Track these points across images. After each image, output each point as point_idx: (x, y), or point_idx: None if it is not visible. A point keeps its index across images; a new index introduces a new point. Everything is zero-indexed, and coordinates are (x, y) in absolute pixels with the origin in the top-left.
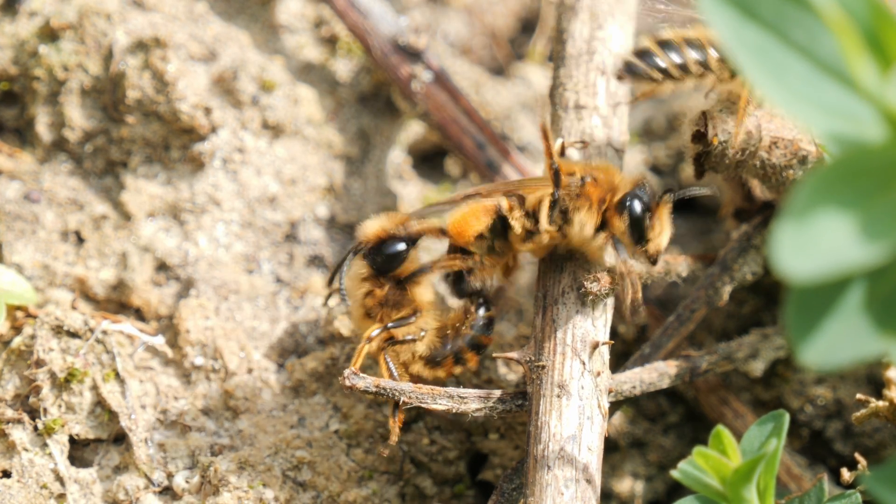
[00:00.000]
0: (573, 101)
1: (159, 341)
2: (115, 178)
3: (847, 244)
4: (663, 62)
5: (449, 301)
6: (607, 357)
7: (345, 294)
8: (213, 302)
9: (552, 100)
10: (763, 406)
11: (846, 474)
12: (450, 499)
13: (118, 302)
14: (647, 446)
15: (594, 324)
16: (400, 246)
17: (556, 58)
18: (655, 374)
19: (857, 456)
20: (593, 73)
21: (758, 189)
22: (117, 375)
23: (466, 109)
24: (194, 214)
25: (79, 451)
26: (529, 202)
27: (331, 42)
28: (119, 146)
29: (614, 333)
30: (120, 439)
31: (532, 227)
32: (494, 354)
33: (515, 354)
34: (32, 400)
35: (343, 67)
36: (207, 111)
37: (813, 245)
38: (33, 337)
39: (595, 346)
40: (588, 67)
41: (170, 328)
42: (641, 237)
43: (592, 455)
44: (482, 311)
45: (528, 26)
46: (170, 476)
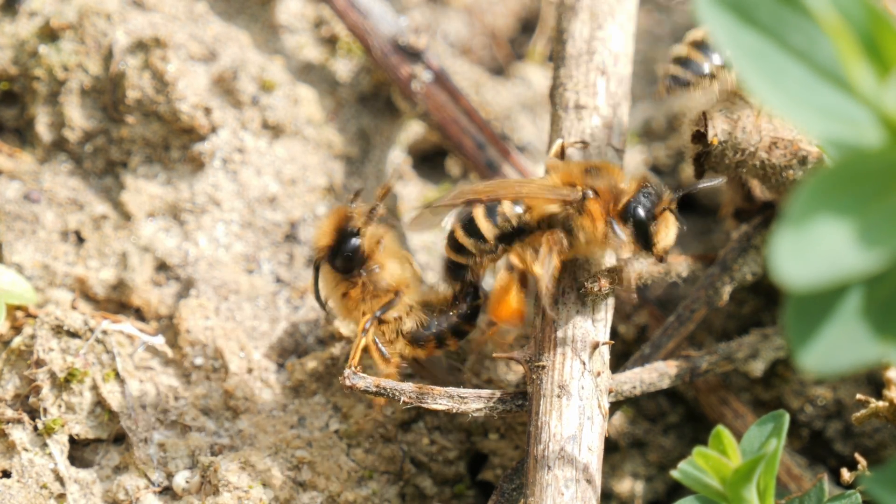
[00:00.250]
0: (573, 101)
1: (159, 341)
2: (115, 178)
3: (845, 250)
4: (706, 66)
5: (434, 280)
6: (607, 357)
7: (330, 309)
8: (213, 302)
9: (552, 100)
10: (763, 406)
11: (846, 474)
12: (450, 499)
13: (118, 302)
14: (647, 446)
15: (594, 324)
16: (354, 242)
17: (556, 58)
18: (655, 375)
19: (857, 456)
20: (593, 73)
21: (758, 189)
22: (117, 375)
23: (466, 109)
24: (194, 214)
25: (79, 451)
26: (534, 216)
27: (331, 42)
28: (119, 146)
29: (614, 333)
30: (120, 439)
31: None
32: (494, 354)
33: (515, 354)
34: (32, 400)
35: (343, 67)
36: (207, 111)
37: (811, 251)
38: (33, 337)
39: (595, 346)
40: (588, 67)
41: (170, 328)
42: (647, 242)
43: (592, 455)
44: (468, 300)
45: (528, 26)
46: (170, 476)
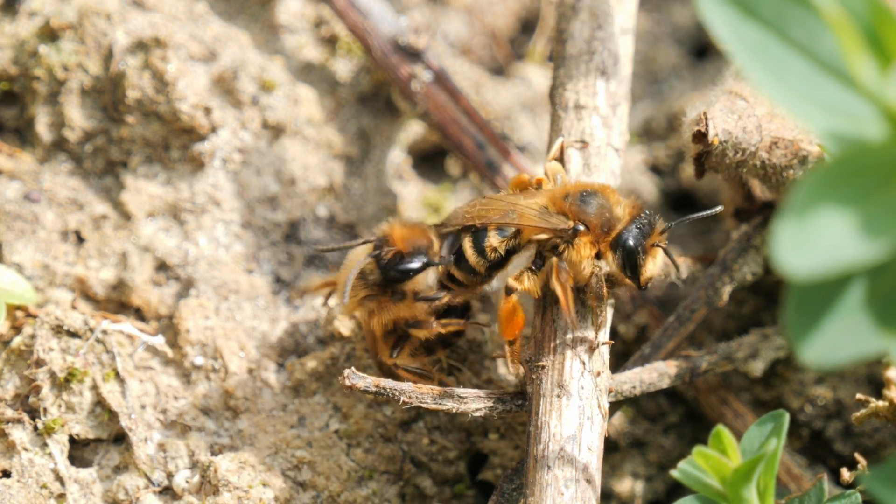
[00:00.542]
0: (573, 101)
1: (159, 341)
2: (115, 178)
3: (847, 241)
4: None
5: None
6: (607, 357)
7: (347, 293)
8: (213, 302)
9: (552, 100)
10: (763, 406)
11: (846, 474)
12: (450, 499)
13: (118, 302)
14: (647, 446)
15: (594, 324)
16: (416, 264)
17: (556, 58)
18: (655, 374)
19: (857, 456)
20: (593, 73)
21: (758, 189)
22: (117, 375)
23: (466, 109)
24: (194, 214)
25: (79, 451)
26: (523, 240)
27: (331, 42)
28: (119, 146)
29: (614, 333)
30: (120, 439)
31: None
32: (494, 354)
33: None
34: (32, 400)
35: (343, 67)
36: (207, 111)
37: (813, 242)
38: (33, 337)
39: (595, 347)
40: (588, 67)
41: (170, 328)
42: (634, 274)
43: (592, 455)
44: (460, 314)
45: (528, 26)
46: (170, 476)
